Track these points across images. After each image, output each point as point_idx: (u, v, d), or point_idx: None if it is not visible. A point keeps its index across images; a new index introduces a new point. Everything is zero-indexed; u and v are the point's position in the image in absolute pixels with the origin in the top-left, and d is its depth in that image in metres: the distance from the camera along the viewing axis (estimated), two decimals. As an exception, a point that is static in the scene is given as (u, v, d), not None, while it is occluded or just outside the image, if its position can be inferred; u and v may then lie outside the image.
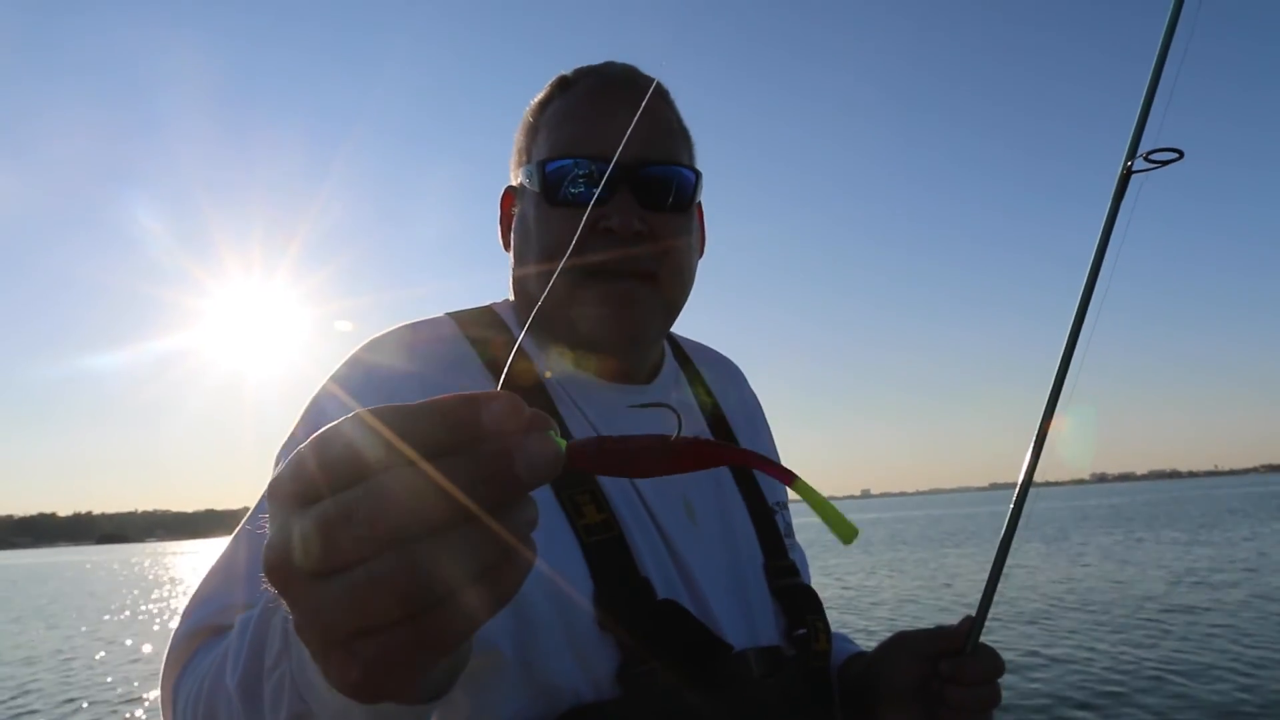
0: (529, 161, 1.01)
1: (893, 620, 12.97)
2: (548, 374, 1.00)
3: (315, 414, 0.94)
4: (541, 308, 0.97)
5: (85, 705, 10.38)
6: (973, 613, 1.04)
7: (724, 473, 1.07)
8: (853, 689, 1.11)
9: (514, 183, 1.06)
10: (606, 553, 0.89)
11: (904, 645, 1.06)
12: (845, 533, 0.44)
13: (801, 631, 1.01)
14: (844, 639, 1.24)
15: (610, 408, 1.01)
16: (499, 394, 0.40)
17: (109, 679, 12.08)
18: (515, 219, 1.04)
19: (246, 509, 0.92)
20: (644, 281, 0.97)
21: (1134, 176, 1.03)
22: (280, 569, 0.41)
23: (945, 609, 14.08)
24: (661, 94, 1.05)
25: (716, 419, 1.14)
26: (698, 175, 1.02)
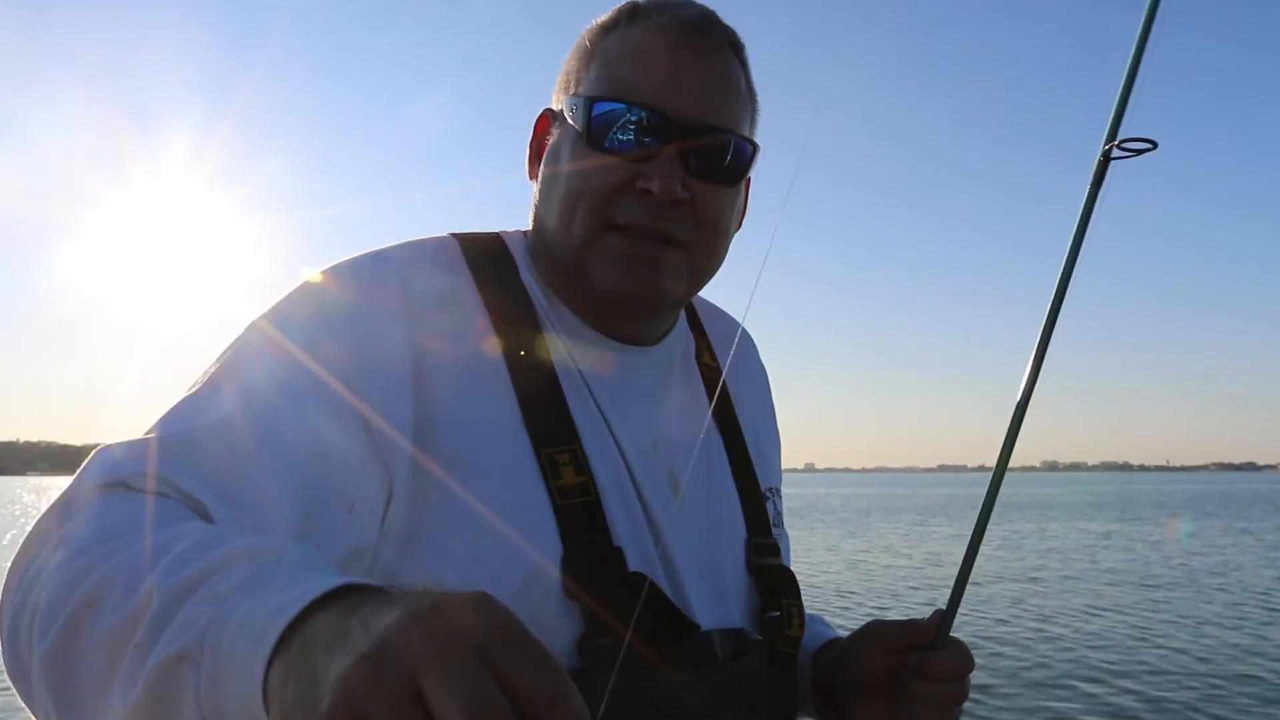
0: (577, 92, 0.95)
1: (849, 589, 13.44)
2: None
3: (245, 348, 0.88)
4: (557, 253, 0.96)
5: None
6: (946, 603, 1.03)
7: (719, 453, 1.07)
8: (825, 676, 1.09)
9: (554, 106, 1.00)
10: (580, 517, 0.87)
11: (874, 636, 1.04)
12: None
13: (775, 614, 1.01)
14: (821, 621, 1.21)
15: (606, 365, 0.99)
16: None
17: None
18: (548, 149, 0.99)
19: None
20: (674, 247, 0.93)
21: (1112, 163, 1.04)
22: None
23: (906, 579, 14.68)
24: (736, 48, 0.99)
25: (719, 387, 1.10)
26: (755, 149, 0.97)
